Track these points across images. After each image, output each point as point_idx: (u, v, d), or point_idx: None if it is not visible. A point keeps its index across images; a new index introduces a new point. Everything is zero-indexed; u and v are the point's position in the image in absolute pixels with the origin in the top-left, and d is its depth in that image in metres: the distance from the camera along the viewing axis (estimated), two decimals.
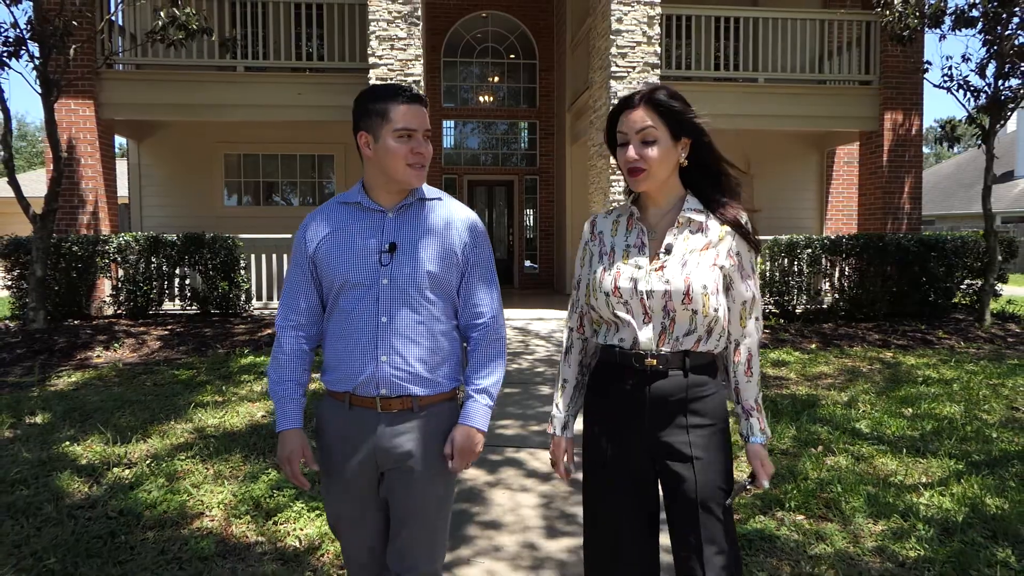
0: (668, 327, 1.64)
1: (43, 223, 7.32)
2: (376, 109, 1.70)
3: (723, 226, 1.68)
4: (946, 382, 5.88)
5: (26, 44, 7.17)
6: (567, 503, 3.41)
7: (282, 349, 1.79)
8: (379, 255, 1.72)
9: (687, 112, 1.65)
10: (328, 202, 1.84)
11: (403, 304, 1.71)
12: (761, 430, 1.72)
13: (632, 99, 1.67)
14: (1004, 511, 3.25)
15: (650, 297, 1.65)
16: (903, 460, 3.96)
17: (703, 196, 1.71)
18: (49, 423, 4.45)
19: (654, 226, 1.72)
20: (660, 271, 1.65)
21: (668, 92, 1.66)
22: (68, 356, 6.66)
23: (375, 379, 1.70)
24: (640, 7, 8.99)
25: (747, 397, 1.71)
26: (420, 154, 1.71)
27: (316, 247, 1.76)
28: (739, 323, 1.71)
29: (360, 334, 1.71)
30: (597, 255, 1.76)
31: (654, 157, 1.63)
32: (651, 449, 1.67)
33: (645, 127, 1.63)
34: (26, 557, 2.70)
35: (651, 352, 1.65)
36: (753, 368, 1.72)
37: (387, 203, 1.76)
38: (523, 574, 2.72)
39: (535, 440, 4.37)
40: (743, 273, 1.69)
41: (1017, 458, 3.99)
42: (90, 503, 3.22)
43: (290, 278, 1.81)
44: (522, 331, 8.32)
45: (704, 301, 1.62)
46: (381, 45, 8.68)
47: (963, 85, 8.52)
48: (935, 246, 8.82)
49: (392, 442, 1.72)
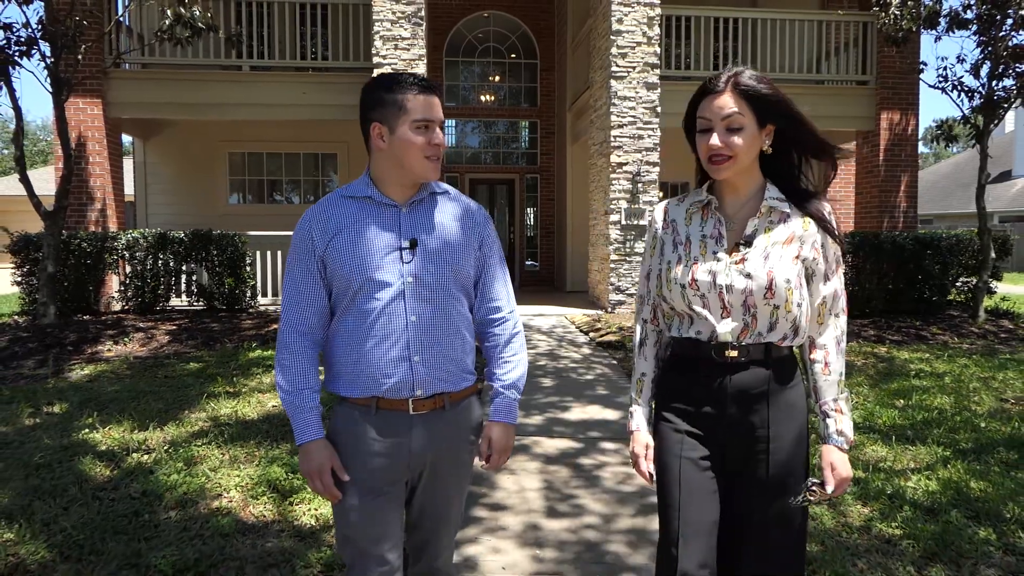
0: (750, 323, 1.58)
1: (54, 220, 7.46)
2: (392, 99, 1.62)
3: (805, 217, 1.61)
4: (938, 375, 6.03)
5: (38, 44, 7.30)
6: (568, 487, 3.55)
7: (292, 355, 1.67)
8: (400, 252, 1.65)
9: (776, 95, 1.56)
10: (330, 196, 1.73)
11: (429, 301, 1.65)
12: (838, 431, 1.62)
13: (717, 83, 1.58)
14: (987, 494, 3.40)
15: (730, 292, 1.57)
16: (893, 448, 4.10)
17: (784, 185, 1.64)
18: (67, 412, 4.60)
19: (732, 216, 1.64)
20: (741, 264, 1.58)
21: (755, 76, 1.58)
22: (79, 350, 6.80)
23: (409, 381, 1.64)
24: (640, 8, 9.14)
25: (826, 397, 1.63)
26: (436, 146, 1.65)
27: (328, 245, 1.65)
28: (817, 319, 1.64)
29: (387, 335, 1.63)
30: (671, 244, 1.68)
31: (740, 145, 1.55)
32: (730, 442, 1.61)
33: (731, 113, 1.54)
34: (55, 534, 2.84)
35: (732, 344, 1.59)
36: (832, 366, 1.63)
37: (399, 197, 1.69)
38: (526, 551, 2.86)
39: (538, 429, 4.52)
40: (827, 267, 1.63)
41: (1003, 445, 4.13)
42: (112, 485, 3.36)
43: (293, 279, 1.68)
44: (524, 326, 8.45)
45: (788, 296, 1.56)
46: (385, 45, 8.82)
47: (957, 85, 8.68)
48: (930, 244, 8.96)
49: (425, 443, 1.68)
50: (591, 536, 3.00)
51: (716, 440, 1.62)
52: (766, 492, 1.59)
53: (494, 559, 2.80)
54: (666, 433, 1.66)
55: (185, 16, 7.53)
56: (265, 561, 2.69)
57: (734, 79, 1.56)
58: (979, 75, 8.66)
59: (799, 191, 1.63)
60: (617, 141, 9.24)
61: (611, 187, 9.28)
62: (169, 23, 7.60)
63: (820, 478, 1.61)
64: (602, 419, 4.74)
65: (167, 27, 7.63)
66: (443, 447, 1.70)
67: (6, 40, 7.12)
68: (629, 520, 3.14)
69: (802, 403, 1.64)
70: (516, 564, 2.76)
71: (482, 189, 14.38)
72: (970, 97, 8.74)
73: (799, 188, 1.63)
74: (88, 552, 2.70)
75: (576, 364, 6.46)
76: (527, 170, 14.17)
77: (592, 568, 2.72)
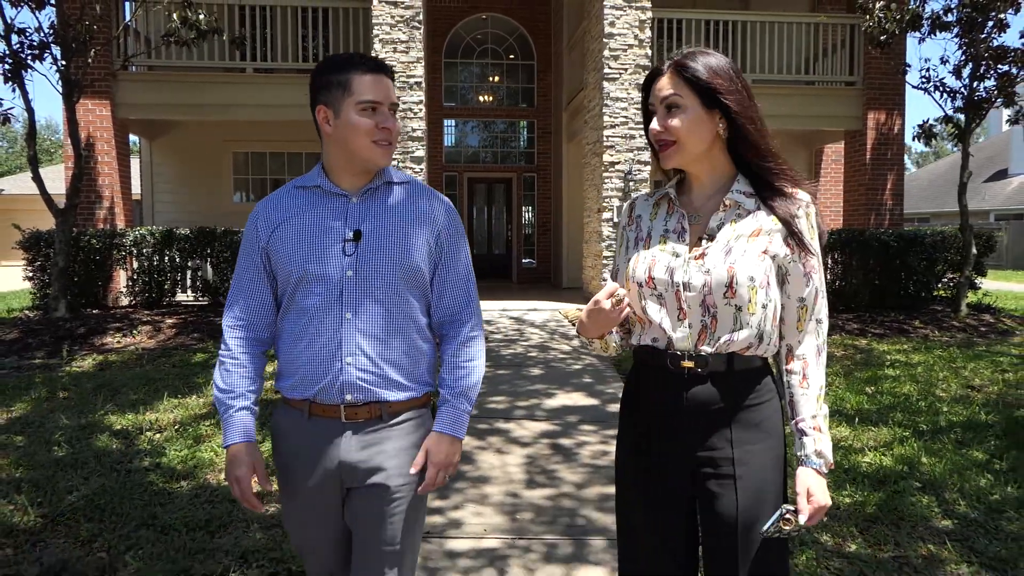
0: (710, 325, 1.43)
1: (65, 217, 7.75)
2: (337, 80, 1.52)
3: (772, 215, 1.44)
4: (911, 365, 6.30)
5: (50, 47, 7.59)
6: (548, 462, 3.83)
7: (230, 353, 1.58)
8: (343, 244, 1.54)
9: (715, 81, 1.42)
10: (283, 187, 1.65)
11: (370, 299, 1.53)
12: (817, 453, 1.43)
13: (661, 67, 1.48)
14: (936, 468, 3.67)
15: (687, 289, 1.43)
16: (855, 428, 4.38)
17: (754, 178, 1.47)
18: (82, 397, 4.89)
19: (698, 209, 1.50)
20: (700, 259, 1.43)
21: (701, 59, 1.44)
22: (89, 342, 7.09)
23: (339, 384, 1.52)
24: (632, 11, 9.40)
25: (803, 413, 1.45)
26: (386, 129, 1.53)
27: (270, 237, 1.57)
28: (796, 325, 1.47)
29: (321, 333, 1.52)
30: (633, 241, 1.56)
31: (679, 127, 1.43)
32: (690, 465, 1.46)
33: (668, 95, 1.44)
34: (78, 500, 3.13)
35: (688, 353, 1.44)
36: (811, 379, 1.45)
37: (350, 186, 1.58)
38: (504, 516, 3.14)
39: (522, 414, 4.80)
40: (804, 267, 1.45)
41: (960, 427, 4.40)
42: (127, 459, 3.65)
43: (238, 273, 1.61)
44: (518, 320, 8.75)
45: (751, 296, 1.40)
46: (384, 48, 9.09)
47: (939, 86, 8.93)
48: (914, 241, 9.22)
49: (359, 455, 1.53)
50: (566, 503, 3.28)
51: (679, 464, 1.47)
52: (734, 524, 1.41)
53: (477, 521, 3.08)
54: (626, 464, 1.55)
55: (191, 19, 7.82)
56: (269, 522, 2.97)
57: (676, 61, 1.46)
58: (961, 76, 8.92)
59: (772, 187, 1.46)
60: (609, 141, 9.52)
61: (604, 185, 9.55)
62: (175, 26, 7.88)
63: (795, 505, 1.41)
64: (585, 405, 5.02)
65: (173, 30, 7.92)
66: (381, 463, 1.54)
67: (20, 44, 7.42)
68: (601, 488, 3.42)
69: (776, 422, 1.47)
70: (497, 526, 3.04)
71: (480, 188, 14.66)
72: (952, 98, 8.99)
73: (773, 183, 1.46)
74: (108, 514, 2.99)
75: (565, 355, 6.74)
76: (524, 169, 14.44)
77: (565, 529, 3.00)
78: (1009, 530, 3.00)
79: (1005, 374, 5.99)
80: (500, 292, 11.72)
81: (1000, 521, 3.08)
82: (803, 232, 1.43)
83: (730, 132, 1.45)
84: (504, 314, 9.15)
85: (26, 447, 3.82)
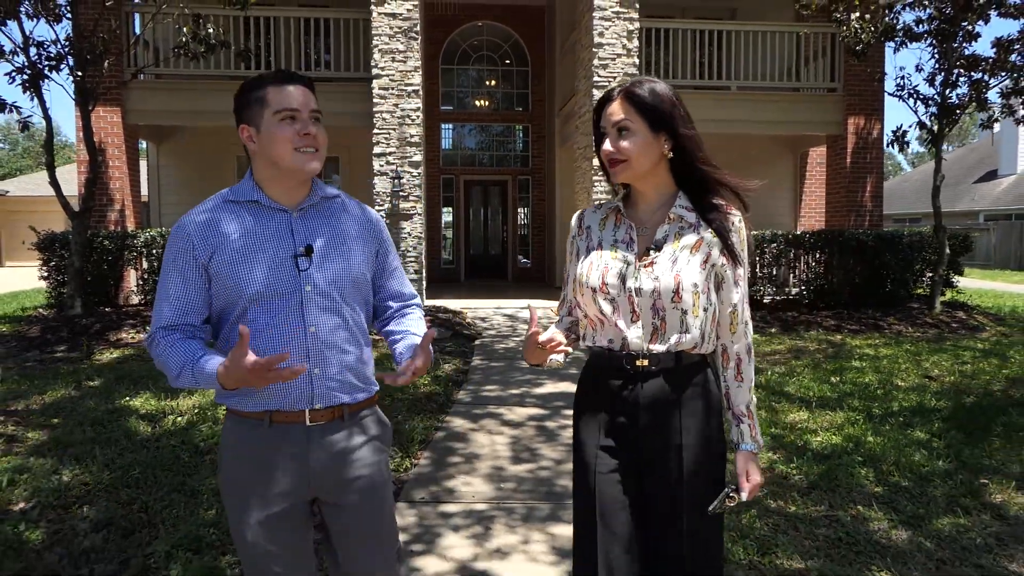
0: (660, 327, 1.59)
1: (80, 220, 8.17)
2: (254, 97, 1.55)
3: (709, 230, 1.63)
4: (878, 358, 6.72)
5: (66, 59, 8.00)
6: (533, 441, 4.26)
7: (169, 343, 1.52)
8: (295, 260, 1.57)
9: (661, 107, 1.60)
10: (211, 200, 1.61)
11: (328, 311, 1.59)
12: (752, 438, 1.66)
13: (612, 92, 1.64)
14: (879, 445, 4.10)
15: (639, 295, 1.59)
16: (812, 412, 4.80)
17: (694, 194, 1.66)
18: (105, 386, 5.31)
19: (644, 222, 1.67)
20: (649, 268, 1.60)
21: (648, 87, 1.61)
22: (105, 337, 7.51)
23: (308, 394, 1.57)
24: (620, 22, 9.83)
25: (737, 402, 1.67)
26: (308, 135, 1.55)
27: (212, 256, 1.54)
28: (730, 327, 1.67)
29: (284, 347, 1.54)
30: (584, 250, 1.71)
31: (629, 148, 1.59)
32: (644, 454, 1.62)
33: (619, 120, 1.60)
34: (116, 470, 3.55)
35: (642, 352, 1.60)
36: (744, 372, 1.67)
37: (287, 201, 1.61)
38: (491, 484, 3.57)
39: (513, 400, 5.22)
40: (735, 275, 1.65)
41: (909, 411, 4.83)
42: (155, 438, 4.07)
43: (170, 290, 1.55)
44: (511, 317, 9.18)
45: (694, 300, 1.58)
46: (383, 57, 9.52)
47: (912, 93, 9.37)
48: (891, 241, 9.65)
49: (325, 456, 1.60)
50: (544, 474, 3.70)
51: (632, 451, 1.63)
52: (681, 499, 1.60)
53: (467, 489, 3.51)
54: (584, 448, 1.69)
55: (201, 34, 8.24)
56: None
57: (626, 89, 1.61)
58: (934, 84, 9.36)
59: (709, 203, 1.64)
60: None
61: (593, 189, 9.98)
62: (186, 40, 8.30)
63: (736, 484, 1.64)
64: (570, 392, 5.43)
65: (184, 43, 8.33)
66: (348, 460, 1.63)
67: (38, 56, 7.83)
68: None
69: (716, 409, 1.66)
70: (484, 493, 3.46)
71: (476, 190, 15.08)
72: (926, 104, 9.43)
73: (710, 200, 1.65)
74: (143, 482, 3.42)
75: None
76: (520, 172, 14.87)
77: (543, 495, 3.43)
78: (933, 495, 3.42)
79: (964, 365, 6.42)
80: (495, 291, 12.15)
81: (927, 488, 3.51)
82: (735, 245, 1.63)
83: (674, 151, 1.63)
84: (498, 311, 9.58)
85: (63, 427, 4.24)
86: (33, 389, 5.20)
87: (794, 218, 13.23)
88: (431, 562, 2.78)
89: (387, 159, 9.56)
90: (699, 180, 1.65)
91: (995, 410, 4.84)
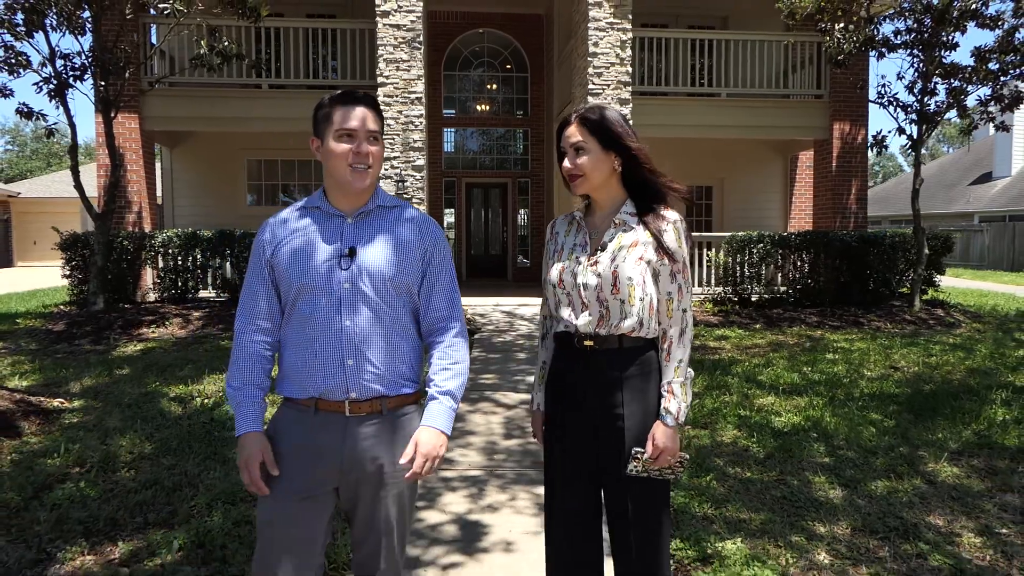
0: (604, 315, 1.84)
1: (103, 221, 8.67)
2: (323, 114, 1.75)
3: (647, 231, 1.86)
4: (851, 351, 7.18)
5: (89, 69, 8.50)
6: (524, 421, 4.73)
7: (244, 352, 1.77)
8: (339, 259, 1.74)
9: (612, 129, 1.86)
10: (290, 207, 1.85)
11: (364, 308, 1.73)
12: (667, 410, 1.84)
13: (569, 118, 1.91)
14: (834, 424, 4.56)
15: (586, 289, 1.85)
16: (779, 398, 5.27)
17: (639, 201, 1.91)
18: (135, 373, 5.79)
19: (598, 227, 1.92)
20: (595, 266, 1.86)
21: (599, 112, 1.88)
22: (127, 332, 8.00)
23: (344, 383, 1.71)
24: (614, 32, 10.31)
25: (665, 379, 1.87)
26: (360, 154, 1.72)
27: (274, 251, 1.77)
28: (665, 313, 1.88)
29: (324, 338, 1.71)
30: (552, 253, 1.99)
31: (584, 164, 1.86)
32: (593, 420, 1.88)
33: (576, 141, 1.87)
34: (156, 442, 4.03)
35: (589, 335, 1.86)
36: (673, 354, 1.87)
37: (346, 208, 1.79)
38: (485, 455, 4.04)
39: (508, 387, 5.70)
40: (672, 268, 1.86)
41: (868, 396, 5.29)
42: (187, 416, 4.56)
43: (248, 283, 1.80)
44: (510, 314, 9.65)
45: (631, 291, 1.82)
46: (388, 66, 10.01)
47: (892, 101, 9.82)
48: (874, 242, 10.10)
49: (361, 445, 1.73)
50: (532, 448, 4.18)
51: (587, 421, 1.89)
52: (625, 461, 1.84)
53: (463, 459, 3.99)
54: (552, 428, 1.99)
55: (218, 47, 8.74)
56: None
57: (580, 114, 1.89)
58: (914, 91, 9.81)
59: (649, 208, 1.89)
60: None
61: None
62: (203, 52, 8.80)
63: (644, 447, 1.84)
64: None
65: (201, 55, 8.83)
66: (381, 453, 1.74)
67: (64, 67, 8.34)
68: None
69: (656, 386, 1.88)
70: (478, 462, 3.94)
71: (477, 192, 15.57)
72: (905, 111, 9.88)
73: (651, 206, 1.90)
74: (180, 452, 3.90)
75: None
76: (519, 174, 15.35)
77: (530, 464, 3.90)
78: (875, 464, 3.89)
79: (931, 358, 6.87)
80: (495, 289, 12.62)
81: (870, 458, 3.97)
82: (669, 243, 1.85)
83: (623, 165, 1.90)
84: (497, 308, 10.06)
85: (103, 408, 4.73)
86: (70, 376, 5.69)
87: (784, 219, 13.69)
88: (432, 515, 3.26)
89: (391, 163, 10.05)
90: (645, 187, 1.92)
91: (948, 395, 5.30)
